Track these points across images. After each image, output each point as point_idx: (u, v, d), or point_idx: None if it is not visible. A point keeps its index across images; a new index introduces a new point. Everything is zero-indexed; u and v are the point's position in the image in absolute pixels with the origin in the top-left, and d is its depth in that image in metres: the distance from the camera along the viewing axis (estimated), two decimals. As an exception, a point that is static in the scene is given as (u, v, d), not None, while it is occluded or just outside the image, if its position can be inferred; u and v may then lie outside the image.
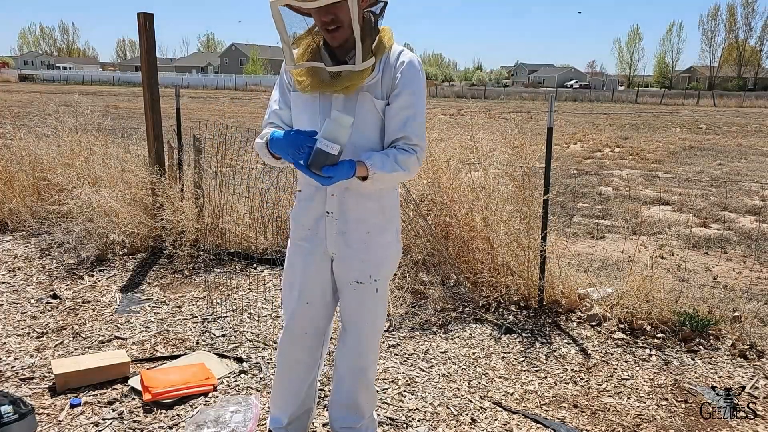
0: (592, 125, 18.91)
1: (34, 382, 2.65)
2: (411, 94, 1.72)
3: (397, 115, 1.73)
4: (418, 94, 1.74)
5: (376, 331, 1.98)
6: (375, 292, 1.89)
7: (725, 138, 15.77)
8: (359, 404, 2.04)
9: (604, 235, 5.69)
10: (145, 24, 4.39)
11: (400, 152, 1.73)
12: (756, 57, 76.12)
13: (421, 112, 1.75)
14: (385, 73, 1.72)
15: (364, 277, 1.86)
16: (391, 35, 1.76)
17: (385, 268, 1.90)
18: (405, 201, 4.08)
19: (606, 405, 2.61)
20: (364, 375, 2.01)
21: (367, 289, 1.88)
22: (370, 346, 1.98)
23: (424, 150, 1.77)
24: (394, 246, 1.92)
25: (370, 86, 1.71)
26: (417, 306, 3.56)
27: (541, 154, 3.54)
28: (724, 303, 3.50)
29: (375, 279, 1.87)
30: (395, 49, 1.75)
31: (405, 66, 1.72)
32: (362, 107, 1.72)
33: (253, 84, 54.86)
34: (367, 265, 1.86)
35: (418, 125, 1.74)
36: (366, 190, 1.77)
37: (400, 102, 1.72)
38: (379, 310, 1.95)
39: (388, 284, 1.97)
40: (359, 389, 2.03)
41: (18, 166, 5.18)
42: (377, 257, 1.86)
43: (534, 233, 3.50)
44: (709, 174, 9.67)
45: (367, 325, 1.94)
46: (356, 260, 1.85)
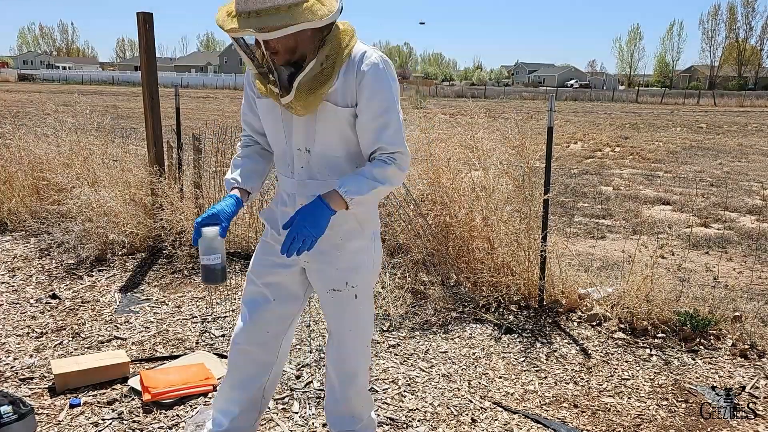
0: (592, 125, 18.90)
1: (34, 382, 2.65)
2: (380, 101, 1.60)
3: (368, 127, 1.63)
4: (388, 98, 1.61)
5: (360, 337, 1.91)
6: (354, 299, 1.82)
7: (726, 137, 15.76)
8: (353, 409, 2.01)
9: (604, 235, 5.68)
10: (145, 23, 4.39)
11: (376, 166, 1.62)
12: (756, 56, 76.14)
13: (394, 118, 1.62)
14: (347, 79, 1.60)
15: (341, 284, 1.79)
16: (351, 35, 1.62)
17: (362, 274, 1.82)
18: (405, 201, 4.08)
19: (606, 405, 2.60)
20: (352, 381, 1.95)
21: (344, 296, 1.81)
22: (356, 352, 1.91)
23: (407, 154, 1.66)
24: (369, 251, 1.83)
25: (330, 94, 1.60)
26: (417, 306, 3.55)
27: (541, 154, 3.53)
28: (724, 303, 3.50)
29: (352, 285, 1.80)
30: (357, 51, 1.61)
31: (369, 71, 1.58)
32: (323, 116, 1.63)
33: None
34: (342, 273, 1.79)
35: (392, 133, 1.62)
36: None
37: (369, 113, 1.61)
38: (362, 317, 1.88)
39: (371, 289, 1.90)
40: (350, 395, 1.98)
41: (17, 165, 5.17)
42: (352, 263, 1.79)
43: (534, 233, 3.50)
44: (709, 173, 9.66)
45: (349, 332, 1.87)
46: (330, 268, 1.79)
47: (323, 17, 1.45)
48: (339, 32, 1.60)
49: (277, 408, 2.50)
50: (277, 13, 1.42)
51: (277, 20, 1.42)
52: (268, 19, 1.42)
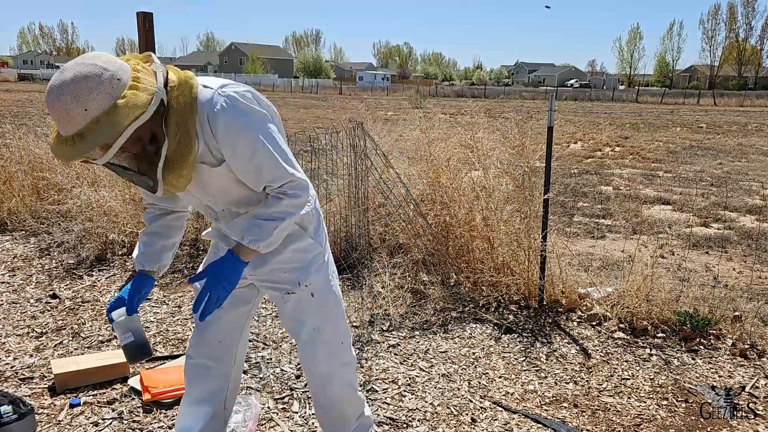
0: (592, 124, 18.90)
1: (34, 381, 2.65)
2: (243, 147, 1.50)
3: (245, 174, 1.56)
4: (249, 140, 1.50)
5: (330, 335, 1.85)
6: (311, 297, 1.79)
7: (726, 137, 15.76)
8: (340, 411, 1.96)
9: (604, 235, 5.68)
10: (145, 23, 4.38)
11: (270, 204, 1.58)
12: (756, 56, 76.10)
13: (265, 156, 1.52)
14: (206, 138, 1.50)
15: (294, 286, 1.76)
16: (189, 87, 1.47)
17: (313, 271, 1.78)
18: (405, 201, 4.08)
19: (606, 405, 2.60)
20: (329, 382, 1.90)
21: (301, 297, 1.78)
22: (327, 351, 1.85)
23: (297, 179, 1.59)
24: (315, 247, 1.79)
25: (201, 157, 1.52)
26: (417, 306, 3.55)
27: (541, 154, 3.53)
28: (724, 302, 3.50)
29: (306, 285, 1.77)
30: (203, 100, 1.47)
31: (218, 120, 1.47)
32: (206, 178, 1.57)
33: (252, 83, 54.81)
34: (292, 274, 1.76)
35: (270, 170, 1.54)
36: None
37: (238, 162, 1.53)
38: (325, 314, 1.83)
39: (331, 285, 1.85)
40: (332, 396, 1.93)
41: (17, 165, 5.17)
42: (300, 263, 1.76)
43: (534, 233, 3.50)
44: (709, 173, 9.66)
45: (314, 331, 1.82)
46: (278, 273, 1.76)
47: (148, 104, 1.35)
48: (177, 93, 1.46)
49: (277, 408, 2.50)
50: (98, 127, 1.31)
51: (102, 136, 1.31)
52: (94, 138, 1.31)
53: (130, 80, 1.36)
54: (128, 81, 1.36)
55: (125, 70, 1.37)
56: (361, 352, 2.99)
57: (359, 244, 4.09)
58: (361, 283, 3.84)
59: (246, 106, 1.50)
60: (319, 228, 1.82)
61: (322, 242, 1.83)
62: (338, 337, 1.88)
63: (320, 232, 1.83)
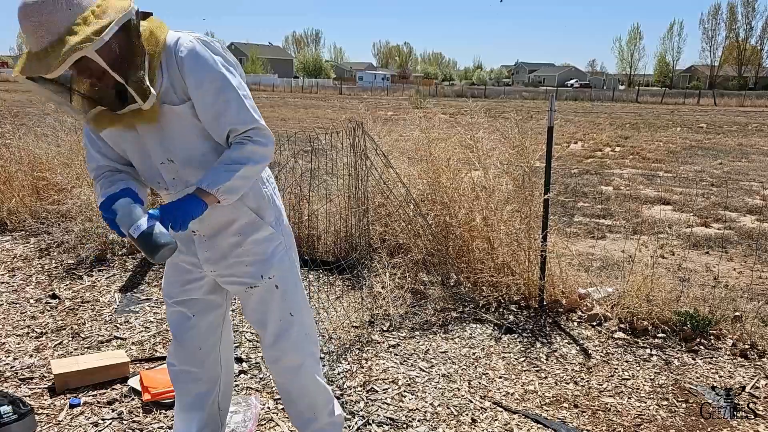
0: (592, 124, 18.90)
1: (34, 382, 2.65)
2: (209, 84, 1.50)
3: (209, 114, 1.53)
4: (216, 78, 1.51)
5: (297, 326, 1.81)
6: (275, 289, 1.75)
7: (726, 137, 15.76)
8: (309, 400, 1.92)
9: (604, 235, 5.68)
10: (145, 23, 4.38)
11: (233, 150, 1.55)
12: (757, 56, 76.10)
13: (232, 96, 1.52)
14: (171, 74, 1.50)
15: (256, 279, 1.73)
16: (161, 30, 1.50)
17: (276, 262, 1.74)
18: (405, 201, 4.07)
19: (606, 405, 2.60)
20: (298, 372, 1.85)
21: (264, 290, 1.75)
22: (295, 342, 1.81)
23: (263, 127, 1.57)
24: (277, 237, 1.75)
25: (164, 96, 1.50)
26: (417, 306, 3.55)
27: (541, 154, 3.53)
28: (724, 303, 3.49)
29: (269, 277, 1.73)
30: (170, 41, 1.50)
31: (186, 57, 1.48)
32: (167, 121, 1.53)
33: (252, 83, 54.83)
34: (254, 267, 1.73)
35: (235, 111, 1.53)
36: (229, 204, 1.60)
37: (203, 100, 1.52)
38: (292, 305, 1.79)
39: (295, 276, 1.83)
40: (302, 386, 1.89)
41: (17, 165, 5.17)
42: (261, 255, 1.73)
43: (534, 233, 3.49)
44: (709, 173, 9.65)
45: (280, 323, 1.78)
46: (240, 267, 1.73)
47: (101, 33, 1.34)
48: (148, 31, 1.48)
49: (277, 408, 2.50)
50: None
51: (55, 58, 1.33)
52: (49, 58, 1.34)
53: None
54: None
55: None
56: (361, 352, 2.98)
57: (359, 244, 4.09)
58: (361, 283, 3.84)
59: (216, 50, 1.53)
60: (280, 217, 1.79)
61: (284, 231, 1.79)
62: (304, 327, 1.85)
63: (281, 220, 1.79)
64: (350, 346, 3.05)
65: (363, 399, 2.57)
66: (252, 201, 1.71)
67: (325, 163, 4.26)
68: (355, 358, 2.92)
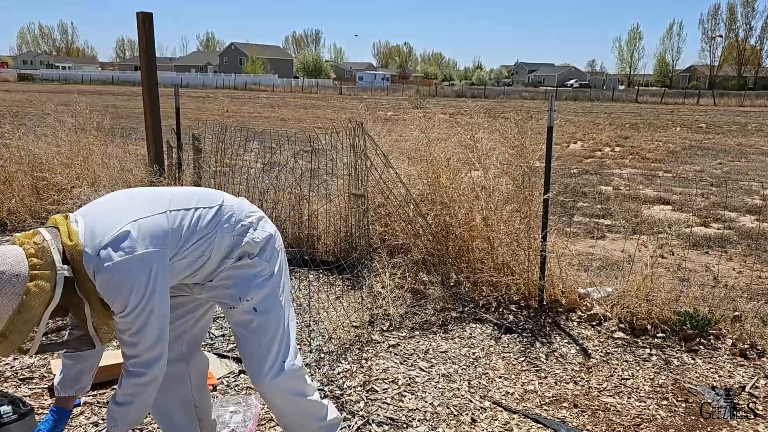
0: (592, 124, 18.90)
1: (34, 382, 2.65)
2: (115, 314, 1.53)
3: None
4: (118, 305, 1.51)
5: (272, 349, 1.77)
6: (254, 311, 1.74)
7: (725, 137, 15.76)
8: (290, 419, 1.91)
9: (604, 235, 5.68)
10: (144, 23, 4.39)
11: (121, 386, 1.61)
12: (756, 56, 76.10)
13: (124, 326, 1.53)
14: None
15: (234, 300, 1.74)
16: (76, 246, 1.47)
17: (254, 286, 1.74)
18: (405, 201, 4.07)
19: (606, 405, 2.60)
20: (275, 394, 1.83)
21: (242, 312, 1.75)
22: (269, 365, 1.77)
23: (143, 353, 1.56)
24: (259, 264, 1.76)
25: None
26: (417, 306, 3.55)
27: (541, 154, 3.53)
28: (724, 302, 3.49)
29: (247, 299, 1.73)
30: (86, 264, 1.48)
31: (98, 282, 1.49)
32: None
33: (252, 83, 54.91)
34: (234, 289, 1.74)
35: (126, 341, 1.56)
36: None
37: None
38: (267, 329, 1.77)
39: (274, 304, 1.79)
40: (279, 409, 1.89)
41: (17, 165, 5.17)
42: (241, 278, 1.74)
43: (534, 233, 3.50)
44: (709, 173, 9.66)
45: (255, 348, 1.75)
46: (222, 289, 1.75)
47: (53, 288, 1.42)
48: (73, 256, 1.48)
49: (277, 408, 2.50)
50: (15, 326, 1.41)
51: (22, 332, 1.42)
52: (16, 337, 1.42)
53: (28, 271, 1.41)
54: (26, 273, 1.40)
55: (20, 261, 1.41)
56: (361, 352, 2.99)
57: (359, 244, 4.09)
58: (361, 283, 3.84)
59: (116, 276, 1.48)
60: (265, 247, 1.78)
61: (269, 258, 1.79)
62: (282, 351, 1.80)
63: (266, 248, 1.79)
64: (350, 345, 3.05)
65: (363, 399, 2.57)
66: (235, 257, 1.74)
67: (325, 163, 4.27)
68: (355, 358, 2.92)
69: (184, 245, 1.62)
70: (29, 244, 1.45)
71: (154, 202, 1.61)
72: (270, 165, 4.54)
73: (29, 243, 1.45)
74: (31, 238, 1.47)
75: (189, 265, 1.67)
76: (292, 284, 3.85)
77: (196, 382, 2.00)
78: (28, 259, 1.42)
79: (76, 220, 1.53)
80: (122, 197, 1.64)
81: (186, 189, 1.78)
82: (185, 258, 1.64)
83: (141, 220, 1.53)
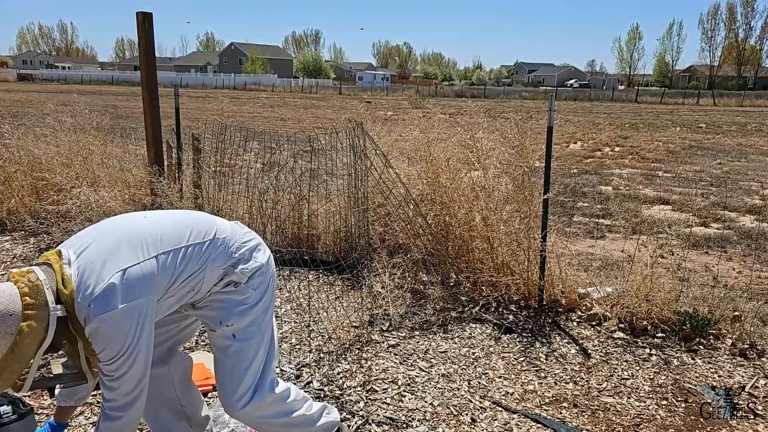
0: (592, 124, 18.90)
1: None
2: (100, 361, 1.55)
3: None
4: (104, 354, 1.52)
5: (247, 375, 1.77)
6: (232, 338, 1.74)
7: (725, 137, 15.76)
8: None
9: (604, 235, 5.68)
10: (144, 23, 4.38)
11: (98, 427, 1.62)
12: (756, 56, 76.11)
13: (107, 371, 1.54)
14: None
15: (216, 324, 1.74)
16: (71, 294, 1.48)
17: (235, 313, 1.74)
18: (405, 201, 4.07)
19: (606, 404, 2.60)
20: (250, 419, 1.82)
21: (220, 336, 1.75)
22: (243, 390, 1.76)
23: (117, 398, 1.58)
24: (245, 291, 1.75)
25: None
26: (417, 306, 3.55)
27: (540, 154, 3.53)
28: (724, 302, 3.49)
29: (227, 325, 1.73)
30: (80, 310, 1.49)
31: (87, 331, 1.50)
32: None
33: (252, 83, 54.89)
34: (216, 312, 1.74)
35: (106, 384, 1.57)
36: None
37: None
38: (244, 356, 1.76)
39: (254, 334, 1.78)
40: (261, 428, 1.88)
41: (16, 165, 5.16)
42: (225, 302, 1.74)
43: (534, 233, 3.50)
44: (709, 173, 9.66)
45: (228, 374, 1.76)
46: (207, 310, 1.76)
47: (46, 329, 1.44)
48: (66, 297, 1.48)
49: (276, 408, 2.50)
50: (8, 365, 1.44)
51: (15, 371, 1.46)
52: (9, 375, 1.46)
53: (21, 310, 1.41)
54: (20, 312, 1.41)
55: (14, 300, 1.41)
56: (361, 352, 2.98)
57: (359, 244, 4.09)
58: (361, 283, 3.84)
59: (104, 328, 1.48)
60: (254, 276, 1.77)
61: (256, 286, 1.78)
62: (254, 382, 1.79)
63: (254, 278, 1.78)
64: (350, 345, 3.05)
65: (363, 399, 2.57)
66: (222, 284, 1.75)
67: (325, 163, 4.27)
68: (354, 358, 2.92)
69: (172, 285, 1.62)
70: (23, 282, 1.45)
71: (144, 243, 1.59)
72: (270, 165, 4.54)
73: (23, 281, 1.46)
74: (25, 276, 1.47)
75: (177, 301, 1.68)
76: (293, 284, 3.85)
77: (179, 382, 1.99)
78: (22, 299, 1.42)
79: (69, 260, 1.52)
80: (115, 232, 1.61)
81: (179, 219, 1.73)
82: (174, 296, 1.65)
83: (129, 268, 1.53)
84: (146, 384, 1.63)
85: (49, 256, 1.55)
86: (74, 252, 1.54)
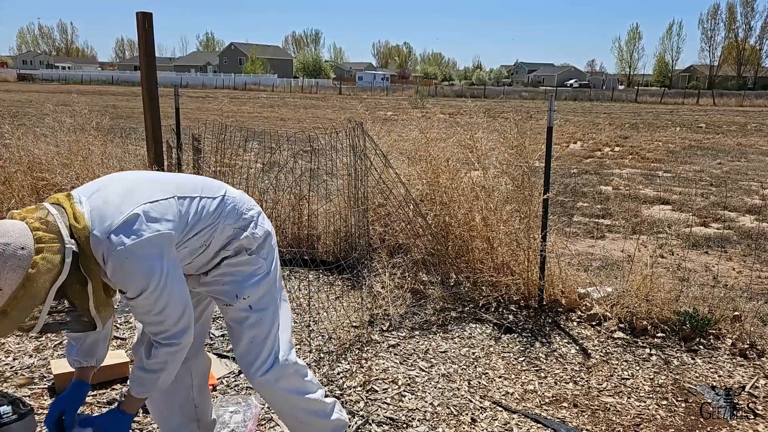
0: (591, 124, 18.90)
1: (34, 382, 2.65)
2: (131, 297, 1.52)
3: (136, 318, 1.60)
4: (134, 288, 1.49)
5: (266, 346, 1.76)
6: (249, 309, 1.74)
7: (725, 137, 15.77)
8: (291, 416, 1.91)
9: (604, 235, 5.68)
10: (144, 23, 4.38)
11: (152, 355, 1.59)
12: (756, 56, 76.10)
13: (145, 308, 1.53)
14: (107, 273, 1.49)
15: (231, 298, 1.74)
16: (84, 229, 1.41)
17: (250, 285, 1.74)
18: (405, 201, 4.07)
19: (606, 404, 2.61)
20: (272, 393, 1.82)
21: (238, 309, 1.75)
22: (263, 363, 1.76)
23: (170, 328, 1.56)
24: (256, 261, 1.76)
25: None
26: (417, 306, 3.55)
27: (540, 154, 3.53)
28: (724, 302, 3.50)
29: (243, 297, 1.73)
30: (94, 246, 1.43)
31: (109, 267, 1.44)
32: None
33: (252, 83, 54.90)
34: (231, 287, 1.74)
35: (150, 320, 1.56)
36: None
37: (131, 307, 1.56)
38: (263, 327, 1.77)
39: (270, 302, 1.80)
40: (279, 406, 1.87)
41: (16, 166, 5.16)
42: (237, 276, 1.74)
43: (534, 233, 3.50)
44: (709, 173, 9.66)
45: (249, 344, 1.76)
46: (218, 285, 1.75)
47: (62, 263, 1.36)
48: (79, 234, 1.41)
49: (276, 408, 2.50)
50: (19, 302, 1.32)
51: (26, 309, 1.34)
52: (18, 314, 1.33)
53: (33, 245, 1.32)
54: (32, 246, 1.32)
55: (24, 234, 1.32)
56: (361, 352, 2.99)
57: (359, 244, 4.09)
58: (361, 283, 3.84)
59: (129, 259, 1.44)
60: (263, 244, 1.79)
61: (266, 255, 1.79)
62: (277, 349, 1.80)
63: (263, 245, 1.79)
64: (350, 345, 3.05)
65: (363, 399, 2.57)
66: (233, 250, 1.74)
67: (325, 163, 4.27)
68: (354, 358, 2.92)
69: (188, 233, 1.61)
70: (32, 218, 1.37)
71: (162, 186, 1.58)
72: (270, 165, 4.54)
73: (32, 217, 1.37)
74: (33, 212, 1.39)
75: (189, 254, 1.66)
76: (293, 284, 3.85)
77: (198, 382, 2.00)
78: (33, 233, 1.34)
79: (80, 200, 1.48)
80: (129, 178, 1.59)
81: (189, 177, 1.77)
82: (187, 247, 1.63)
83: (150, 203, 1.50)
84: (192, 315, 1.61)
85: (57, 196, 1.49)
86: (84, 194, 1.50)
